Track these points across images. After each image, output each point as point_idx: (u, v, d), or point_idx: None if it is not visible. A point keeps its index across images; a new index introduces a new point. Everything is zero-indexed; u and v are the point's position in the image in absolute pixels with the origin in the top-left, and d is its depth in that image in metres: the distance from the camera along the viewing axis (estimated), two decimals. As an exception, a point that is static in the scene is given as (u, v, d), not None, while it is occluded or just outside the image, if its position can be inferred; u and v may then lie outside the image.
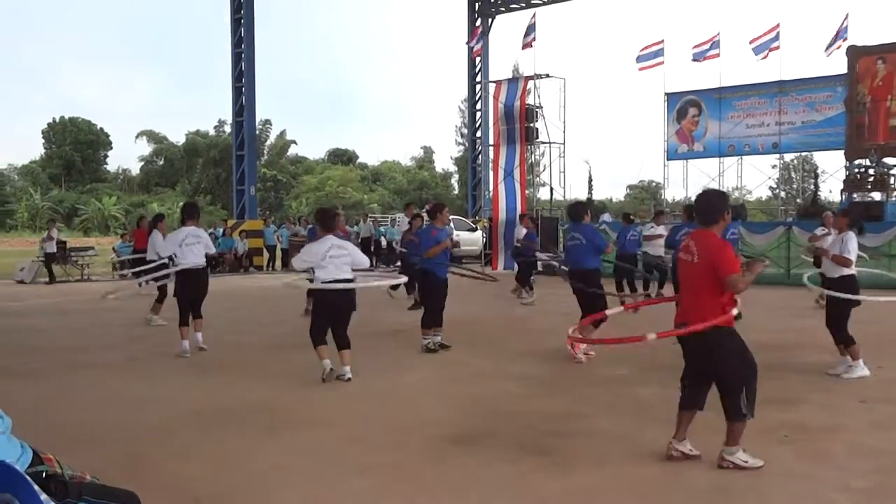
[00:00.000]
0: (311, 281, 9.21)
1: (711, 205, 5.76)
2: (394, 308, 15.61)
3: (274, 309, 15.85)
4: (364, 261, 9.25)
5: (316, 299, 9.23)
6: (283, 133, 70.60)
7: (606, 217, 26.58)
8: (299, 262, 8.97)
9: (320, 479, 5.54)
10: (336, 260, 8.68)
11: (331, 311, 8.86)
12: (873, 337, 11.12)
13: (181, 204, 20.78)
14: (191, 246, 10.60)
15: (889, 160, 25.82)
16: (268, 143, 68.68)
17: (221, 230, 28.71)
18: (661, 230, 16.58)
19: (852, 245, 8.77)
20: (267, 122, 65.87)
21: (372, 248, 30.38)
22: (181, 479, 5.59)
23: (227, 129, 53.72)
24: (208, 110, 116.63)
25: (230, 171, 37.00)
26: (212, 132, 67.74)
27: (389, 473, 5.64)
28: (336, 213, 10.89)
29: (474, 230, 32.77)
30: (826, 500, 5.07)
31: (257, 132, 43.28)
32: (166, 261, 11.92)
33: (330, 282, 8.67)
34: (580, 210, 10.82)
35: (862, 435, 6.57)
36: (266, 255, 29.17)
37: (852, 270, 8.83)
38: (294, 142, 72.54)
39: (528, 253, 17.79)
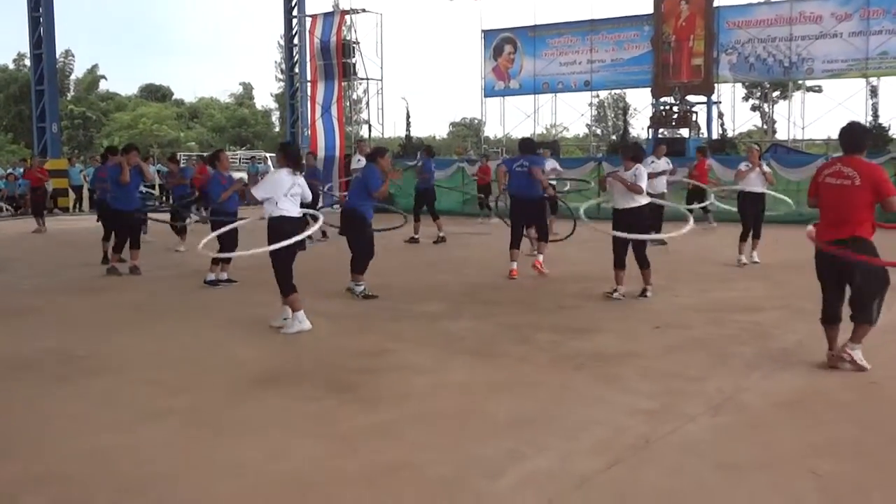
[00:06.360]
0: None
1: (862, 135, 6.61)
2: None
3: (78, 252, 15.11)
4: None
5: None
6: (93, 68, 66.99)
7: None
8: None
9: (114, 425, 5.33)
10: None
11: None
12: (670, 265, 11.74)
13: None
14: None
15: (692, 98, 27.04)
16: (73, 77, 64.92)
17: (21, 170, 27.01)
18: (664, 164, 14.85)
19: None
20: (68, 52, 62.08)
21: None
22: (-38, 431, 5.26)
23: (28, 62, 50.36)
24: (6, 43, 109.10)
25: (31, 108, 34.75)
26: (11, 66, 63.34)
27: (186, 416, 5.48)
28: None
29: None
30: (615, 422, 5.27)
31: (59, 65, 40.72)
32: None
33: None
34: (532, 143, 12.15)
35: (653, 359, 6.89)
36: (72, 195, 27.85)
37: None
38: (104, 76, 68.98)
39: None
